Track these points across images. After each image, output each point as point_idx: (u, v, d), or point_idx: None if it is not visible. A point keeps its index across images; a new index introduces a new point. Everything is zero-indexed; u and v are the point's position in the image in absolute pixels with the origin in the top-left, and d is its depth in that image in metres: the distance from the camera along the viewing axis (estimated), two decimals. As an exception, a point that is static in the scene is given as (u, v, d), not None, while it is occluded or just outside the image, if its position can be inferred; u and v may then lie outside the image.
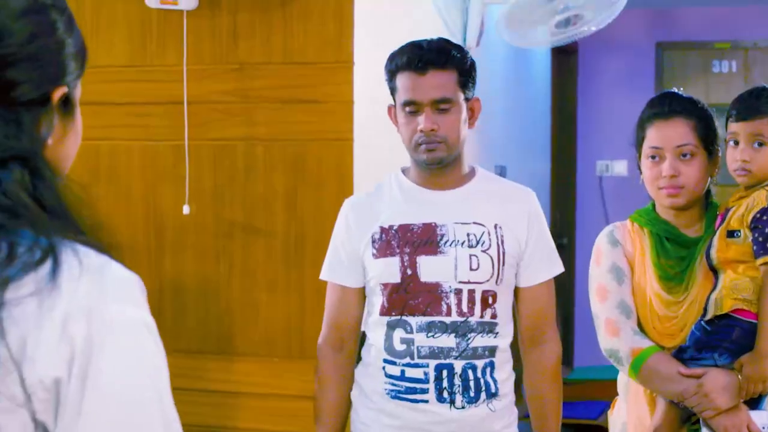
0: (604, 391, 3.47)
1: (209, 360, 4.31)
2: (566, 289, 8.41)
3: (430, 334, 3.12)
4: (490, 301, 3.15)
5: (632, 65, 8.98)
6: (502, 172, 6.34)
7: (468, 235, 3.15)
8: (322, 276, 3.34)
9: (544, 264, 3.28)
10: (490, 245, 3.16)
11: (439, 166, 3.16)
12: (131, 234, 4.40)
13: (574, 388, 7.28)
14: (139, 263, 4.40)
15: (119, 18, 4.40)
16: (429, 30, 3.91)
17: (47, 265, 1.28)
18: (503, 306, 3.20)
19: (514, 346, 3.30)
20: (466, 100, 3.18)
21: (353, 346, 3.34)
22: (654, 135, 3.20)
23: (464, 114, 3.16)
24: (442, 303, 3.12)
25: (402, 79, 3.14)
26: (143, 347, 1.33)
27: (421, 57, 3.11)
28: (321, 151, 4.17)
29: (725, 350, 3.04)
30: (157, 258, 4.40)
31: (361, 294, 3.29)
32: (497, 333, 3.17)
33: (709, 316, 3.06)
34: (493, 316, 3.16)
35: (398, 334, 3.16)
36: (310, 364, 3.53)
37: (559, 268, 3.33)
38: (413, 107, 3.12)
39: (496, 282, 3.16)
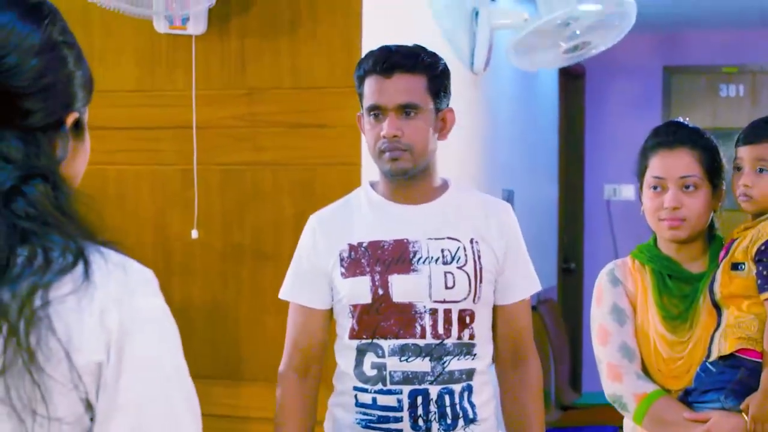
0: (613, 416, 3.38)
1: (217, 385, 4.30)
2: (575, 313, 8.39)
3: (403, 358, 2.92)
4: (468, 320, 2.96)
5: (640, 89, 8.98)
6: (509, 196, 6.34)
7: (442, 251, 2.96)
8: (283, 295, 3.15)
9: (524, 280, 3.11)
10: (466, 261, 2.96)
11: (404, 177, 2.97)
12: (139, 258, 4.38)
13: (583, 413, 7.25)
14: (148, 288, 4.40)
15: (128, 43, 4.41)
16: (437, 55, 3.92)
17: (80, 266, 1.48)
18: (482, 325, 3.01)
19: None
20: (437, 109, 2.99)
21: (318, 372, 3.14)
22: (657, 164, 3.10)
23: (432, 123, 2.97)
24: (416, 324, 2.92)
25: (368, 83, 2.98)
26: (165, 329, 1.57)
27: (388, 59, 2.95)
28: (329, 175, 4.17)
29: (731, 392, 2.93)
30: (165, 282, 4.36)
31: (328, 316, 3.09)
32: (475, 354, 2.98)
33: (713, 357, 2.96)
34: (471, 336, 2.97)
35: (369, 358, 2.95)
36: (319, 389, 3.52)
37: (537, 286, 3.16)
38: (377, 111, 2.95)
39: (474, 300, 2.97)
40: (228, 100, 4.30)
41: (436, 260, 2.95)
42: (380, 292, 2.93)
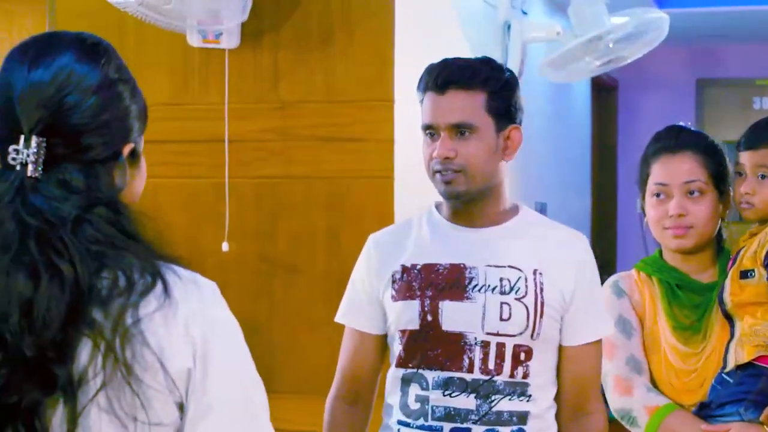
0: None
1: (250, 398, 4.31)
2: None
3: (446, 392, 2.65)
4: (523, 357, 2.67)
5: (672, 102, 8.96)
6: (542, 209, 6.33)
7: (501, 279, 2.68)
8: (338, 318, 2.97)
9: (594, 322, 2.77)
10: (526, 293, 2.68)
11: (459, 200, 2.74)
12: (173, 271, 4.41)
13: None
14: (181, 301, 4.42)
15: (162, 56, 4.43)
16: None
17: (159, 285, 1.65)
18: (540, 365, 2.70)
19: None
20: (500, 128, 2.73)
21: (369, 401, 2.94)
22: (660, 170, 2.98)
23: (493, 143, 2.71)
24: (464, 357, 2.65)
25: (425, 100, 2.76)
26: (236, 336, 1.75)
27: (441, 74, 2.71)
28: (362, 189, 4.17)
29: (752, 403, 2.76)
30: (198, 295, 4.41)
31: (381, 342, 2.88)
32: (530, 396, 2.68)
33: (729, 367, 2.80)
34: (526, 375, 2.67)
35: (414, 390, 2.71)
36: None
37: (608, 329, 2.83)
38: (431, 131, 2.72)
39: (532, 336, 2.67)
40: (261, 113, 4.31)
41: (493, 289, 2.68)
42: (429, 318, 2.69)
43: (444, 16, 4.82)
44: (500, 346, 2.65)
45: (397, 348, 2.77)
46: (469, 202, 2.74)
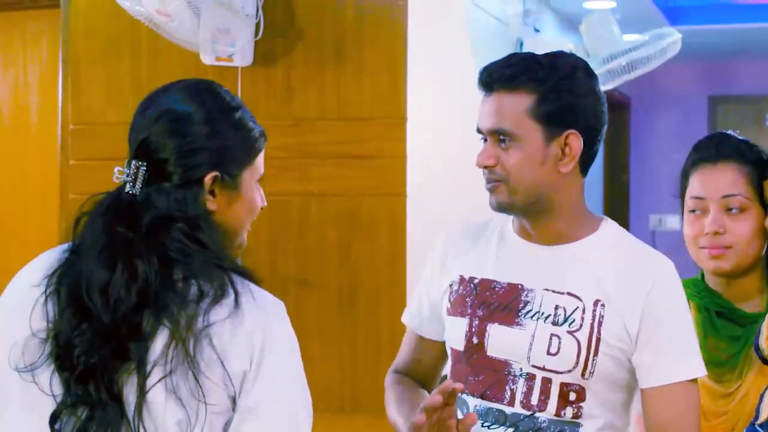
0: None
1: (262, 414, 4.31)
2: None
3: (485, 424, 2.39)
4: (573, 397, 2.34)
5: (685, 119, 8.96)
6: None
7: (556, 308, 2.37)
8: (403, 317, 2.69)
9: (673, 360, 2.35)
10: (581, 326, 2.34)
11: (505, 212, 2.45)
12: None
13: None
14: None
15: (175, 74, 4.42)
16: (482, 85, 3.93)
17: (231, 296, 1.91)
18: (600, 407, 2.36)
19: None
20: (552, 136, 2.36)
21: (430, 386, 2.65)
22: (697, 183, 2.62)
23: (540, 153, 2.35)
24: (506, 388, 2.38)
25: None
26: (292, 352, 1.98)
27: (488, 72, 2.41)
28: (374, 205, 4.18)
29: None
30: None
31: (439, 348, 2.60)
32: None
33: (761, 419, 2.37)
34: (577, 416, 2.34)
35: (456, 414, 2.34)
36: (363, 419, 3.52)
37: (693, 371, 2.35)
38: (482, 135, 2.42)
39: (584, 374, 2.33)
40: (274, 130, 4.31)
41: (546, 318, 2.37)
42: (475, 340, 2.42)
43: (456, 34, 4.83)
44: (546, 382, 2.35)
45: (448, 366, 2.54)
46: (528, 216, 2.43)
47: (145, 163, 1.98)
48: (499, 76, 2.37)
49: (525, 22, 5.42)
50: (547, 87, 2.35)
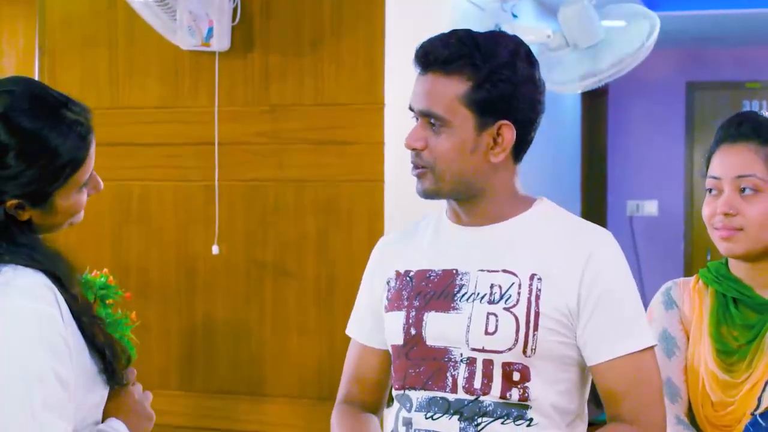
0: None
1: (241, 401, 4.31)
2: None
3: (429, 415, 2.27)
4: (516, 378, 2.23)
5: (662, 105, 8.97)
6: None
7: (491, 286, 2.26)
8: (347, 330, 2.58)
9: (618, 334, 2.24)
10: (517, 301, 2.23)
11: (434, 198, 2.33)
12: (163, 275, 4.42)
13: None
14: (170, 304, 4.42)
15: (152, 60, 4.43)
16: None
17: None
18: (546, 387, 2.26)
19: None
20: (484, 125, 2.25)
21: (378, 406, 2.52)
22: (716, 162, 2.49)
23: (470, 141, 2.25)
24: (447, 375, 2.26)
25: None
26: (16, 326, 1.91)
27: (425, 50, 2.28)
28: (352, 192, 4.18)
29: None
30: (188, 299, 4.41)
31: (386, 358, 2.47)
32: (531, 420, 2.24)
33: (762, 408, 2.36)
34: (524, 398, 2.23)
35: (401, 413, 2.34)
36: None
37: (640, 341, 2.25)
38: (413, 114, 2.30)
39: (525, 352, 2.22)
40: (251, 116, 4.31)
41: (482, 298, 2.26)
42: (413, 331, 2.31)
43: (434, 20, 4.82)
44: (487, 364, 2.24)
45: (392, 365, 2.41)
46: (458, 201, 2.33)
47: None
48: (435, 58, 2.25)
49: (503, 8, 5.40)
50: (483, 75, 2.23)
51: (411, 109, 2.28)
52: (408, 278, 2.36)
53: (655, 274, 2.27)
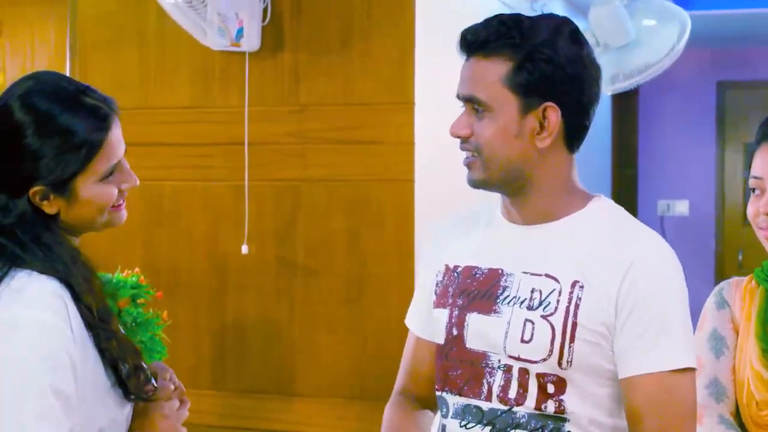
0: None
1: (271, 400, 4.31)
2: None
3: (462, 423, 2.19)
4: (551, 390, 2.11)
5: (693, 105, 8.93)
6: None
7: (532, 291, 2.14)
8: (405, 320, 2.45)
9: (655, 348, 2.08)
10: (555, 309, 2.11)
11: (483, 189, 2.23)
12: (193, 274, 4.43)
13: None
14: (201, 303, 4.43)
15: (183, 60, 4.44)
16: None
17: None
18: (585, 401, 2.13)
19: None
20: (529, 107, 2.14)
21: (434, 399, 2.35)
22: (757, 161, 2.41)
23: (514, 125, 2.14)
24: (483, 381, 2.17)
25: None
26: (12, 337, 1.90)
27: (467, 35, 2.20)
28: (382, 191, 4.17)
29: None
30: (218, 298, 4.42)
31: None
32: None
33: None
34: (560, 410, 2.11)
35: (439, 417, 2.26)
36: (371, 405, 3.52)
37: (677, 362, 2.08)
38: (461, 103, 2.22)
39: (560, 364, 2.10)
40: (280, 116, 4.32)
41: (522, 302, 2.14)
42: (455, 332, 2.21)
43: (464, 19, 4.81)
44: (523, 373, 2.12)
45: None
46: (509, 194, 2.23)
47: None
48: (474, 40, 2.17)
49: (533, 7, 5.40)
50: (523, 54, 2.12)
51: (458, 96, 2.20)
52: (456, 274, 2.25)
53: (686, 275, 2.17)
